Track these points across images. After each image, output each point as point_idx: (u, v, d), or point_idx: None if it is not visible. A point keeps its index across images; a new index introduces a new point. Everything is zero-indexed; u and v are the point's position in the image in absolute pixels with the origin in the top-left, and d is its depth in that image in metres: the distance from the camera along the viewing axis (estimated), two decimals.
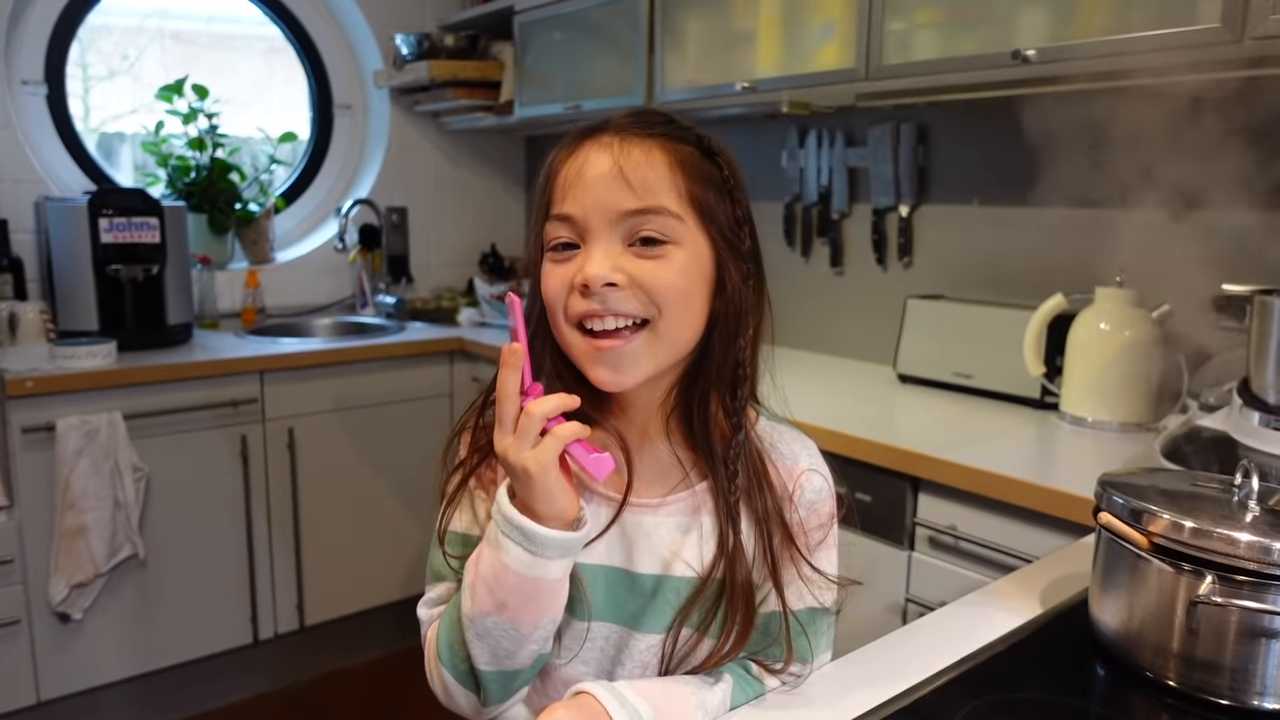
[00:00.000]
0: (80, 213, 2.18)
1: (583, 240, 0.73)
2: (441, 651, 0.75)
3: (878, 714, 0.72)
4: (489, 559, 0.70)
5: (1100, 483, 0.82)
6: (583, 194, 0.72)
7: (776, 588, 0.76)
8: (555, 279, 0.74)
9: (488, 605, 0.70)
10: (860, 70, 1.73)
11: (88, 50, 2.64)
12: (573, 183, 0.73)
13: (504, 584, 0.69)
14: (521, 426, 0.67)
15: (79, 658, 2.08)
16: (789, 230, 2.37)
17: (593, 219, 0.72)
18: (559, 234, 0.74)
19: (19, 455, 1.96)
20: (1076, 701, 0.76)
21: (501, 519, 0.69)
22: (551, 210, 0.74)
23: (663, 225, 0.72)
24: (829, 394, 1.91)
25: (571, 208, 0.73)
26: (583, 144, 0.75)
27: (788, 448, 0.81)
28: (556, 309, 0.74)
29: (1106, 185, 1.72)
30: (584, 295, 0.71)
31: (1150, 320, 1.58)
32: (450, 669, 0.75)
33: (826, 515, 0.81)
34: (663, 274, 0.72)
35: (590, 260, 0.71)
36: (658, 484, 0.78)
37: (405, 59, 2.79)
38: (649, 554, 0.77)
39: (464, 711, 0.78)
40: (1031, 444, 1.55)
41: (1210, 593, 0.70)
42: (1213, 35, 1.27)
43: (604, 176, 0.72)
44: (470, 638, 0.72)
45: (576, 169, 0.73)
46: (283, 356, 2.30)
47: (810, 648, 0.79)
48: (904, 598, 1.50)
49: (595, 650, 0.78)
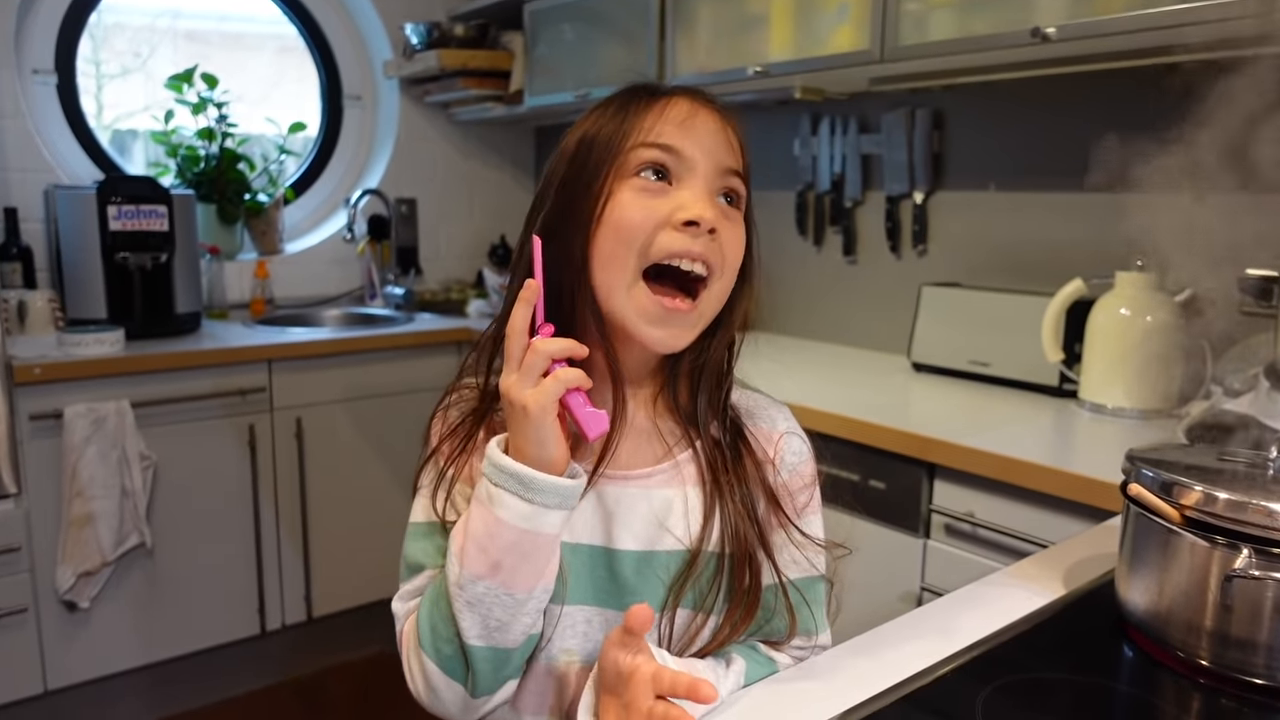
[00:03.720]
0: (89, 200, 2.18)
1: (676, 179, 0.71)
2: (423, 637, 0.69)
3: (900, 691, 0.69)
4: (480, 517, 0.66)
5: (1128, 457, 0.80)
6: (694, 134, 0.71)
7: (768, 554, 0.75)
8: (643, 211, 0.69)
9: (480, 568, 0.65)
10: (875, 52, 1.70)
11: (100, 48, 2.63)
12: (682, 121, 0.71)
13: (498, 541, 0.65)
14: (526, 363, 0.65)
15: (86, 647, 2.07)
16: (801, 219, 2.34)
17: (702, 161, 0.71)
18: (655, 158, 0.70)
19: (27, 443, 1.95)
20: (1104, 681, 0.73)
21: (495, 470, 0.66)
22: (648, 137, 0.70)
23: (743, 191, 0.74)
24: (842, 383, 1.88)
25: (682, 143, 0.70)
26: (671, 96, 0.73)
27: (763, 413, 0.80)
28: (631, 244, 0.69)
29: (1127, 168, 1.69)
30: (681, 231, 0.69)
31: (1173, 304, 1.55)
32: (433, 655, 0.68)
33: (809, 477, 0.80)
34: (738, 234, 0.73)
35: (698, 199, 0.69)
36: (638, 455, 0.75)
37: (415, 48, 2.77)
38: (630, 529, 0.73)
39: (449, 709, 0.70)
40: (1050, 431, 1.52)
41: (1247, 566, 0.67)
42: (1242, 8, 1.24)
43: (714, 131, 0.72)
44: (460, 608, 0.66)
45: (681, 113, 0.71)
46: (291, 346, 2.29)
47: (814, 618, 0.77)
48: (919, 586, 1.47)
49: (579, 636, 0.73)
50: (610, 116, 0.73)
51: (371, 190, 2.89)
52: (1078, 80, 1.72)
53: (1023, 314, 1.73)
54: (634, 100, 0.73)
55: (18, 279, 2.30)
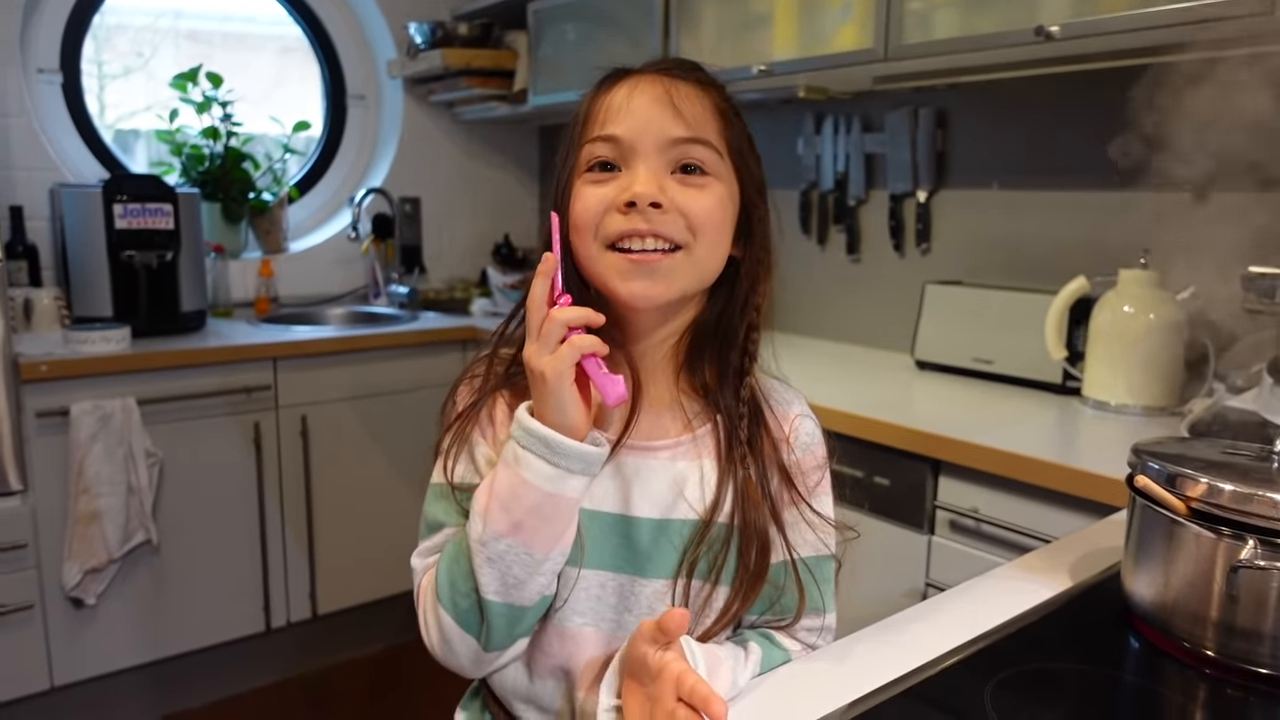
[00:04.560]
0: (95, 198, 2.18)
1: (624, 164, 0.73)
2: (441, 590, 0.72)
3: (907, 682, 0.70)
4: (505, 478, 0.69)
5: (1134, 450, 0.80)
6: (630, 117, 0.73)
7: (779, 529, 0.76)
8: (592, 199, 0.73)
9: (502, 527, 0.68)
10: (879, 50, 1.71)
11: (103, 48, 2.64)
12: (619, 107, 0.74)
13: (522, 502, 0.68)
14: (544, 331, 0.67)
15: (92, 644, 2.08)
16: (805, 218, 2.34)
17: (641, 141, 0.73)
18: (600, 153, 0.73)
19: (33, 440, 1.96)
20: (1111, 672, 0.74)
21: (522, 433, 0.68)
22: (593, 132, 0.74)
23: (705, 156, 0.74)
24: (846, 380, 1.89)
25: (618, 129, 0.73)
26: (625, 78, 0.76)
27: (780, 395, 0.83)
28: (588, 231, 0.73)
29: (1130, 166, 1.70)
30: (625, 213, 0.71)
31: (1175, 302, 1.55)
32: (450, 609, 0.71)
33: (821, 458, 0.82)
34: (703, 201, 0.73)
35: (637, 179, 0.72)
36: (659, 428, 0.77)
37: (419, 48, 2.78)
38: (648, 498, 0.75)
39: (461, 661, 0.73)
40: (1054, 427, 1.53)
41: (1252, 557, 0.68)
42: (1244, 7, 1.24)
43: (655, 102, 0.73)
44: (479, 564, 0.69)
45: (624, 96, 0.74)
46: (296, 344, 2.29)
47: (822, 596, 0.79)
48: (924, 582, 1.47)
49: (592, 600, 0.75)
50: (579, 104, 0.78)
51: (376, 189, 2.89)
52: (1081, 79, 1.72)
53: (1026, 312, 1.74)
54: (598, 87, 0.77)
55: (23, 277, 2.31)
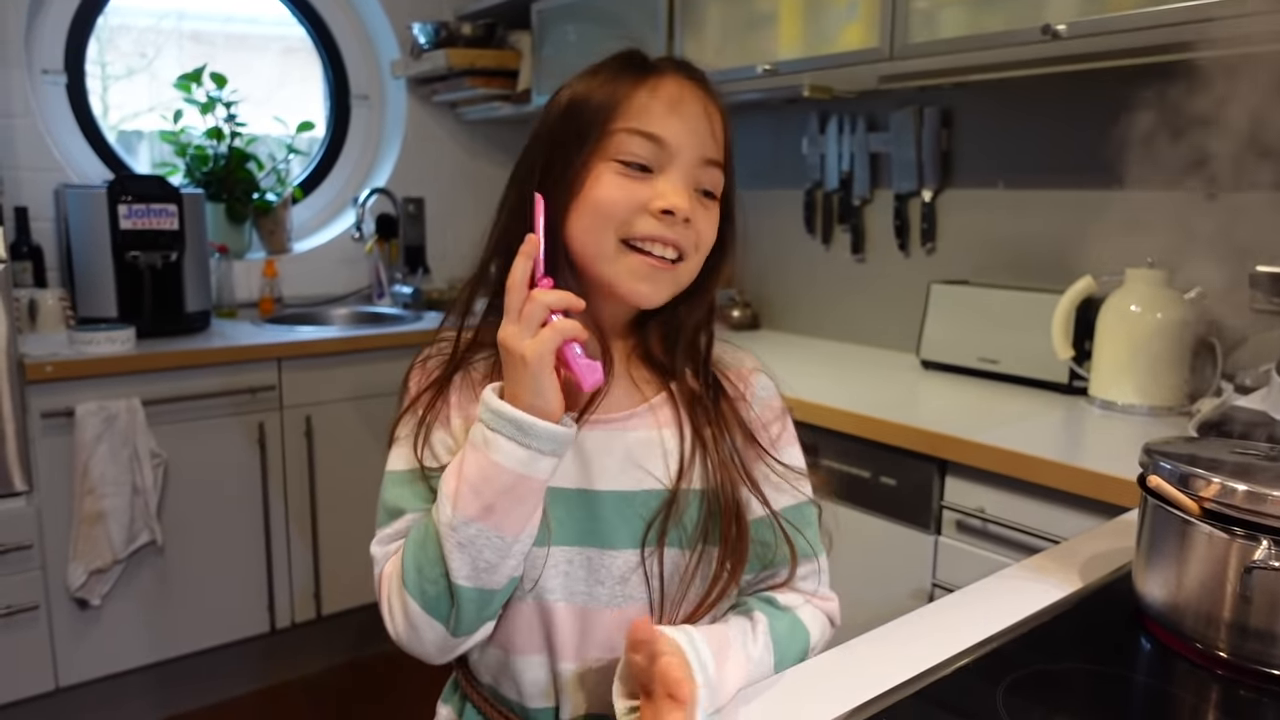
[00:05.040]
0: (99, 199, 2.18)
1: (658, 167, 0.74)
2: (407, 577, 0.70)
3: (919, 684, 0.70)
4: (475, 461, 0.68)
5: (1146, 450, 0.80)
6: (678, 124, 0.74)
7: (754, 487, 0.78)
8: (623, 192, 0.73)
9: (473, 511, 0.67)
10: (885, 49, 1.70)
11: (106, 49, 2.64)
12: (664, 109, 0.74)
13: (493, 484, 0.67)
14: (526, 313, 0.67)
15: (97, 644, 2.08)
16: (809, 217, 2.34)
17: (683, 152, 0.74)
18: (639, 151, 0.73)
19: (38, 440, 1.96)
20: (1122, 672, 0.74)
21: (491, 415, 0.67)
22: (629, 122, 0.73)
23: (720, 182, 0.77)
24: (851, 380, 1.88)
25: (664, 132, 0.73)
26: (659, 75, 0.75)
27: (731, 355, 0.85)
28: (609, 224, 0.73)
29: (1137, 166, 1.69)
30: (658, 219, 0.73)
31: (1183, 302, 1.55)
32: (417, 595, 0.70)
33: (779, 409, 0.84)
34: (710, 222, 0.77)
35: (674, 189, 0.73)
36: (613, 400, 0.78)
37: (423, 48, 2.78)
38: (608, 471, 0.76)
39: (427, 648, 0.72)
40: (1061, 427, 1.52)
41: (1266, 558, 0.67)
42: (1252, 5, 1.24)
43: (699, 117, 0.75)
44: (450, 549, 0.68)
45: (669, 96, 0.74)
46: (300, 344, 2.29)
47: (809, 542, 0.80)
48: (930, 583, 1.47)
49: (561, 575, 0.75)
50: (600, 85, 0.75)
51: (379, 189, 2.89)
52: (1088, 78, 1.72)
53: (1032, 311, 1.74)
54: (624, 72, 0.76)
55: (28, 278, 2.31)
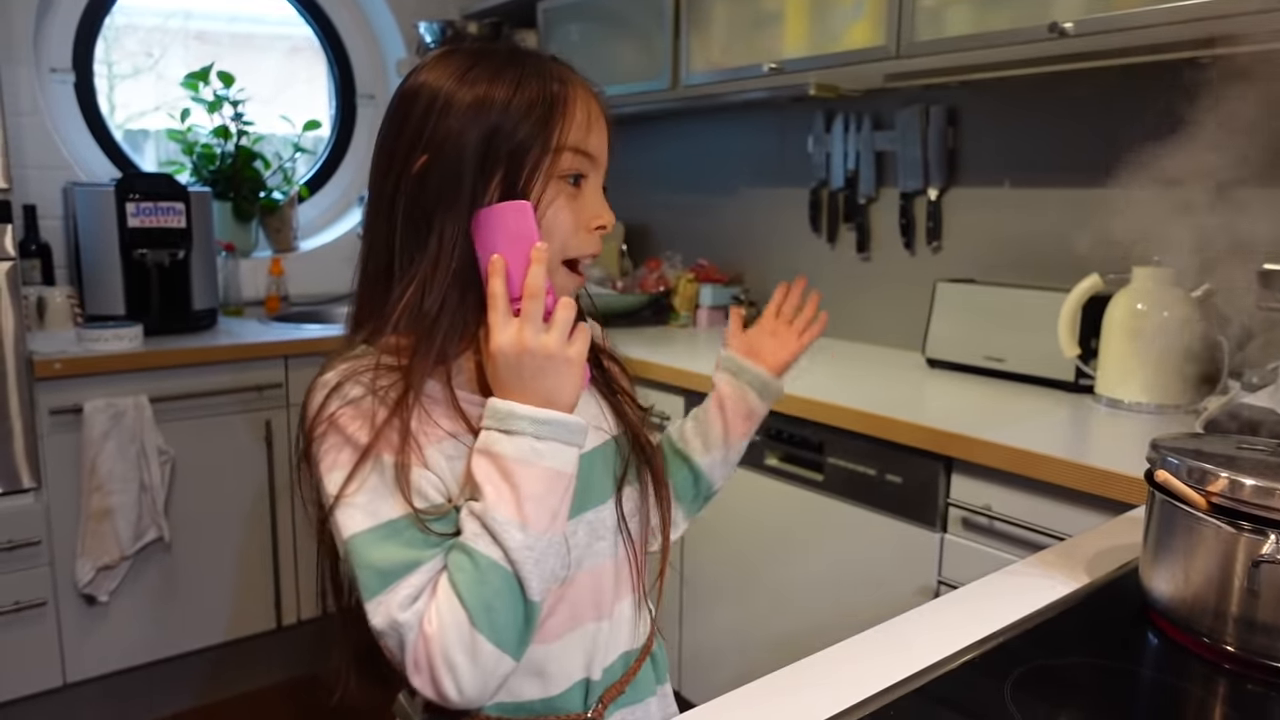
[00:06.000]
0: (107, 197, 2.19)
1: (582, 179, 0.76)
2: (478, 619, 0.65)
3: (925, 678, 0.70)
4: (532, 475, 0.67)
5: (1153, 445, 0.80)
6: (599, 137, 0.76)
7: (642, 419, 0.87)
8: (568, 214, 0.75)
9: (544, 522, 0.67)
10: (891, 48, 1.71)
11: (112, 48, 2.65)
12: (592, 122, 0.75)
13: (556, 491, 0.68)
14: (561, 319, 0.70)
15: (105, 640, 2.09)
16: (815, 216, 2.34)
17: (602, 165, 0.77)
18: (579, 166, 0.75)
19: (47, 437, 1.97)
20: (1129, 667, 0.74)
21: (537, 424, 0.68)
22: (573, 137, 0.73)
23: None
24: (858, 379, 1.88)
25: (595, 149, 0.76)
26: (576, 83, 0.76)
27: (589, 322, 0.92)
28: (554, 244, 0.73)
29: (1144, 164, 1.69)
30: (593, 234, 0.76)
31: (1190, 300, 1.55)
32: (490, 634, 0.65)
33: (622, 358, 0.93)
34: None
35: (604, 206, 0.77)
36: None
37: (429, 47, 2.78)
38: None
39: (488, 689, 0.68)
40: (1067, 425, 1.52)
41: (1273, 552, 0.67)
42: (1262, 1, 1.24)
43: (606, 128, 0.77)
44: (527, 571, 0.66)
45: (590, 110, 0.75)
46: (307, 342, 2.30)
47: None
48: (936, 580, 1.47)
49: (577, 548, 0.77)
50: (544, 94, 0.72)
51: None
52: (1094, 76, 1.72)
53: (1038, 309, 1.73)
54: (561, 81, 0.74)
55: (37, 275, 2.32)
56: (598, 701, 0.79)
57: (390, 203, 0.73)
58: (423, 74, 0.75)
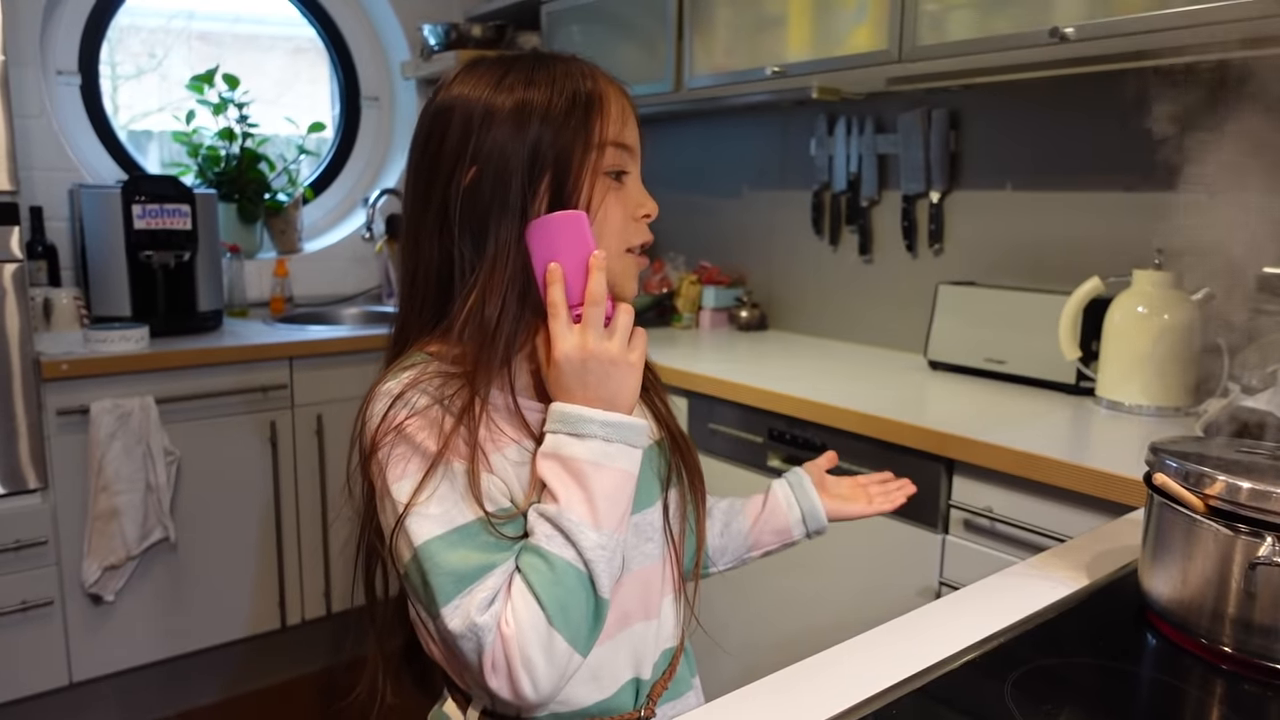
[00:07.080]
0: (114, 199, 2.21)
1: (625, 174, 0.78)
2: (555, 619, 0.66)
3: (925, 678, 0.71)
4: (604, 479, 0.70)
5: (1152, 448, 0.81)
6: (633, 129, 0.78)
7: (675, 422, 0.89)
8: (618, 208, 0.77)
9: (614, 522, 0.70)
10: (893, 52, 1.71)
11: (116, 50, 2.66)
12: (626, 115, 0.77)
13: (624, 491, 0.71)
14: (622, 325, 0.72)
15: (111, 640, 2.10)
16: (817, 219, 2.35)
17: (638, 156, 0.79)
18: (621, 162, 0.77)
19: (54, 438, 1.98)
20: (1129, 667, 0.75)
21: (608, 428, 0.70)
22: (613, 133, 0.75)
23: None
24: (859, 381, 1.89)
25: (632, 140, 0.78)
26: (605, 79, 0.78)
27: None
28: (611, 238, 0.76)
29: (1145, 167, 1.70)
30: (641, 222, 0.79)
31: (1190, 303, 1.56)
32: (568, 633, 0.67)
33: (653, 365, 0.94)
34: None
35: (646, 195, 0.79)
36: None
37: (433, 50, 2.80)
38: None
39: (554, 688, 0.68)
40: (1068, 427, 1.53)
41: (1271, 554, 0.68)
42: (1261, 8, 1.25)
43: (636, 120, 0.79)
44: (600, 570, 0.69)
45: (623, 104, 0.77)
46: (312, 343, 2.31)
47: None
48: (938, 581, 1.48)
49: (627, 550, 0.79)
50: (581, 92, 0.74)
51: (390, 190, 2.91)
52: (1095, 80, 1.73)
53: (1039, 312, 1.74)
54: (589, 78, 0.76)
55: (43, 277, 2.34)
56: (647, 699, 0.81)
57: (440, 217, 0.74)
58: (454, 88, 0.75)
